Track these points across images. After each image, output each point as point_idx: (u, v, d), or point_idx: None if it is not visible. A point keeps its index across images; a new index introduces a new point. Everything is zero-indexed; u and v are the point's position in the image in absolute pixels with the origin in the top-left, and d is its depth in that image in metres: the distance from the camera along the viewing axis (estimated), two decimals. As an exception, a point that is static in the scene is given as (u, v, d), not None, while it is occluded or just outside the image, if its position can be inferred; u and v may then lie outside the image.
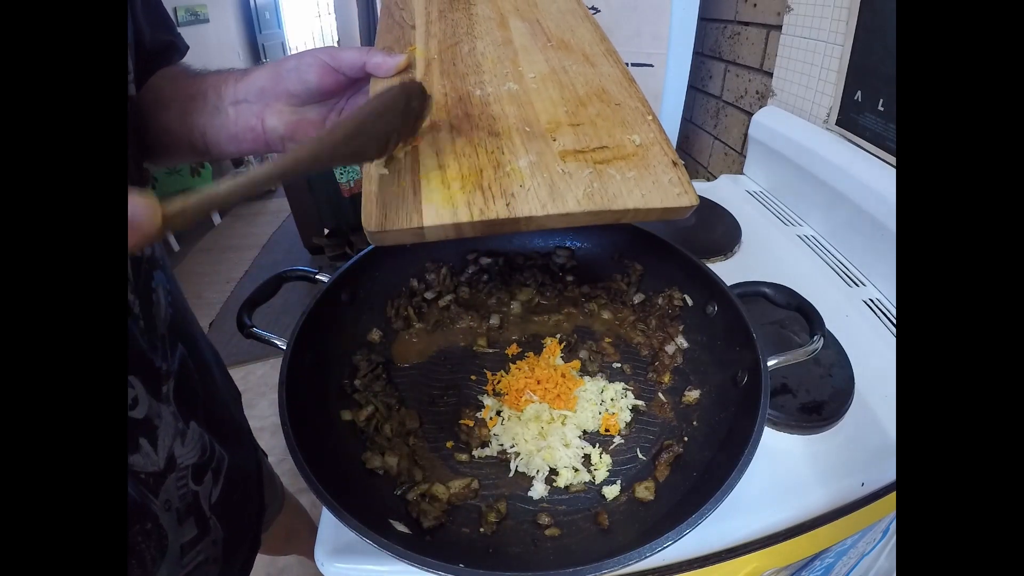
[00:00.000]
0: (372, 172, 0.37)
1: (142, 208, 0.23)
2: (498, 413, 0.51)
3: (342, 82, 0.45)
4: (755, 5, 1.05)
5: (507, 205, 0.35)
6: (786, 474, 0.48)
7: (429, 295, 0.63)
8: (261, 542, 0.64)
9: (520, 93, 0.44)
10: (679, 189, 0.37)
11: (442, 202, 0.35)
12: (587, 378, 0.54)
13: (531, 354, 0.57)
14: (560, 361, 0.56)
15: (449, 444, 0.49)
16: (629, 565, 0.33)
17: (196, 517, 0.47)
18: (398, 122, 0.35)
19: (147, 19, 0.44)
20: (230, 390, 0.62)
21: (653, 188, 0.37)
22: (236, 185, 0.28)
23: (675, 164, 0.38)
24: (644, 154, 0.39)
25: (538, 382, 0.53)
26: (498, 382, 0.54)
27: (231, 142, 0.46)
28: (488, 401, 0.52)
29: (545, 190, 0.36)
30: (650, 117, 0.42)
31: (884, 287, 0.70)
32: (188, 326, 0.50)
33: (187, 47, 0.51)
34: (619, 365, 0.56)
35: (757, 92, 1.07)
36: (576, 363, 0.56)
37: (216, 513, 0.50)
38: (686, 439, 0.48)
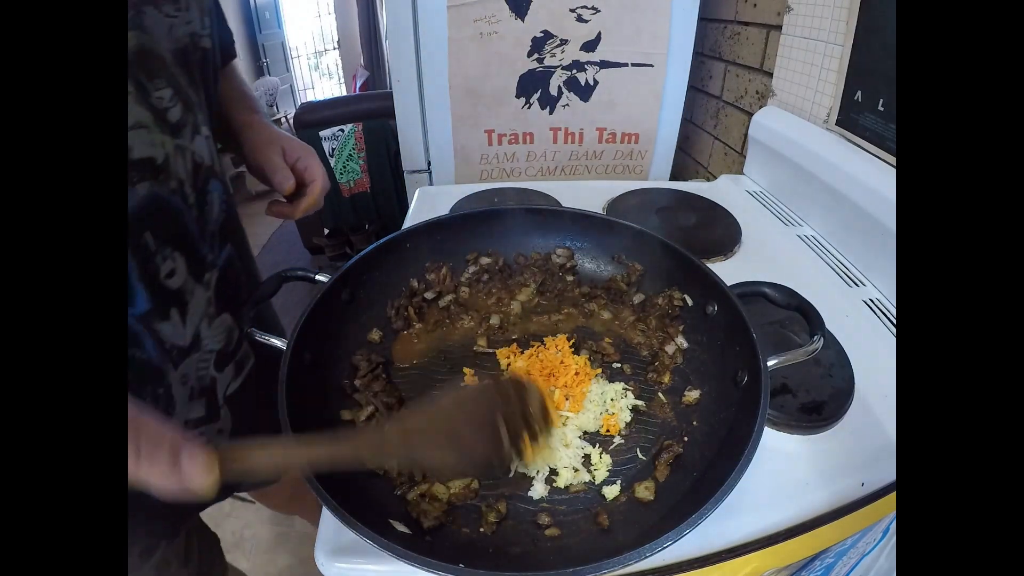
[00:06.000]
0: None
1: (199, 469, 0.24)
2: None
3: None
4: (755, 5, 1.05)
5: None
6: (786, 474, 0.47)
7: (429, 295, 0.63)
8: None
9: None
10: None
11: None
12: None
13: (537, 343, 0.58)
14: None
15: (449, 444, 0.49)
16: (629, 565, 0.33)
17: (208, 401, 0.56)
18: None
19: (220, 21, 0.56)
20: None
21: None
22: (310, 455, 0.34)
23: None
24: None
25: (551, 374, 0.53)
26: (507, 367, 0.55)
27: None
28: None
29: None
30: None
31: (884, 287, 0.70)
32: (238, 235, 0.62)
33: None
34: (619, 365, 0.56)
35: (757, 92, 1.07)
36: (587, 364, 0.56)
37: (229, 404, 0.59)
38: (686, 439, 0.48)
